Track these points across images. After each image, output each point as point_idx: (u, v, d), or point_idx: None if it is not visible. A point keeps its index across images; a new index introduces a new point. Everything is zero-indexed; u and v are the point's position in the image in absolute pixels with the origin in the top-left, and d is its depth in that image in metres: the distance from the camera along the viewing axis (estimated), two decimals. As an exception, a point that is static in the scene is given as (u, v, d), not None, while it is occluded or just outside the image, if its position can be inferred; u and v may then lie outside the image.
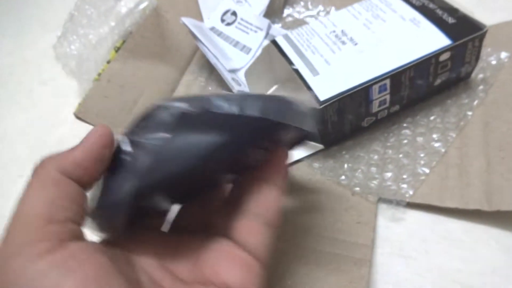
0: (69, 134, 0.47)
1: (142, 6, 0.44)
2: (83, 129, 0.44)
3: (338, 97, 0.33)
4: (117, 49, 0.43)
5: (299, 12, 0.50)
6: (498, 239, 0.31)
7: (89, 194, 0.22)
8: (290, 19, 0.50)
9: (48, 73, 0.54)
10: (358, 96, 0.33)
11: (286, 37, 0.38)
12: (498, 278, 0.29)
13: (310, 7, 0.50)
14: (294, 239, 0.32)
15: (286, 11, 0.51)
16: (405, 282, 0.30)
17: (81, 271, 0.18)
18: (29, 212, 0.19)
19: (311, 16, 0.49)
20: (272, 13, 0.50)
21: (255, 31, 0.48)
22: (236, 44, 0.47)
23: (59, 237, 0.19)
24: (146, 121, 0.23)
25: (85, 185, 0.21)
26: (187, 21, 0.45)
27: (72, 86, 0.49)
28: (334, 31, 0.37)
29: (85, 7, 0.42)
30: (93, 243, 0.21)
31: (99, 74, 0.42)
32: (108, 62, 0.43)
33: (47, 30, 0.59)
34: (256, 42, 0.47)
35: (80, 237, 0.20)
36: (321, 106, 0.32)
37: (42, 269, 0.17)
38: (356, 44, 0.36)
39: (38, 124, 0.50)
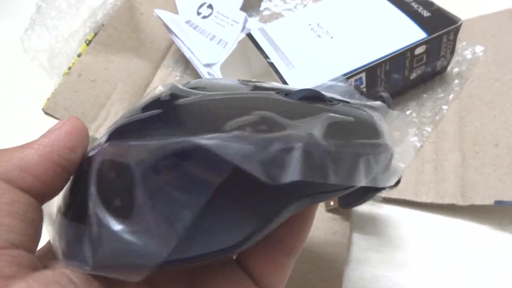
0: (38, 132, 0.45)
1: (114, -3, 0.42)
2: (51, 126, 0.43)
3: (313, 91, 0.32)
4: (88, 42, 0.42)
5: (276, 6, 0.49)
6: (472, 233, 0.31)
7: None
8: (267, 12, 0.49)
9: (18, 68, 0.52)
10: (334, 90, 0.33)
11: (262, 31, 0.38)
12: (471, 272, 0.29)
13: (287, 0, 0.49)
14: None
15: (264, 4, 0.50)
16: (382, 278, 0.30)
17: None
18: None
19: (289, 9, 0.49)
20: (249, 6, 0.50)
21: (232, 25, 0.47)
22: (212, 37, 0.46)
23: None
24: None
25: (40, 197, 0.15)
26: (161, 13, 0.44)
27: (42, 81, 0.48)
28: (310, 24, 0.37)
29: (53, -2, 0.41)
30: (55, 274, 0.14)
31: (69, 68, 0.40)
32: (79, 55, 0.41)
33: (17, 23, 0.57)
34: (233, 35, 0.47)
35: (31, 266, 0.14)
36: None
37: None
38: (331, 37, 0.35)
39: (5, 121, 0.48)
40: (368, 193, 0.24)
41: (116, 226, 0.14)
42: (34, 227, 0.14)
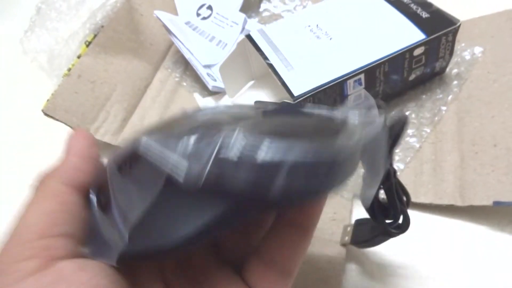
0: (38, 132, 0.45)
1: (113, -1, 0.42)
2: (52, 127, 0.43)
3: (312, 92, 0.32)
4: (88, 44, 0.42)
5: (276, 7, 0.50)
6: (471, 233, 0.31)
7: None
8: (267, 13, 0.49)
9: (18, 69, 0.52)
10: (333, 91, 0.33)
11: (261, 32, 0.38)
12: (470, 273, 0.29)
13: (286, 1, 0.50)
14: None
15: (263, 6, 0.50)
16: (379, 279, 0.30)
17: None
18: (23, 227, 0.17)
19: (288, 10, 0.49)
20: (249, 7, 0.50)
21: (231, 26, 0.47)
22: (211, 38, 0.47)
23: (50, 255, 0.17)
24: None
25: (85, 192, 0.19)
26: (161, 14, 0.44)
27: (42, 83, 0.48)
28: (309, 26, 0.37)
29: (53, -1, 0.41)
30: (92, 262, 0.17)
31: (69, 69, 0.40)
32: (79, 57, 0.41)
33: (17, 24, 0.57)
34: (232, 37, 0.47)
35: (75, 254, 0.18)
36: (295, 101, 0.32)
37: None
38: (331, 38, 0.35)
39: (5, 122, 0.49)
40: (378, 235, 0.25)
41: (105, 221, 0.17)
42: (82, 221, 0.18)
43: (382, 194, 0.24)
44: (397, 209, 0.25)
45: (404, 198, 0.26)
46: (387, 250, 0.31)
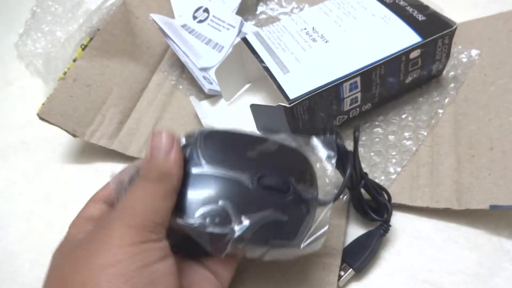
0: (33, 136, 0.45)
1: (109, 1, 0.42)
2: (47, 131, 0.43)
3: (308, 95, 0.32)
4: (83, 47, 0.42)
5: (272, 9, 0.49)
6: (468, 237, 0.31)
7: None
8: (263, 16, 0.49)
9: (13, 73, 0.52)
10: (329, 94, 0.33)
11: (257, 35, 0.38)
12: (467, 276, 0.29)
13: (283, 4, 0.49)
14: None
15: (260, 8, 0.50)
16: (376, 283, 0.30)
17: None
18: (128, 217, 0.21)
19: (285, 13, 0.49)
20: (245, 10, 0.50)
21: (228, 29, 0.47)
22: (208, 42, 0.46)
23: (146, 259, 0.20)
24: None
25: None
26: (157, 17, 0.44)
27: (39, 86, 0.48)
28: (305, 29, 0.37)
29: (49, 3, 0.41)
30: (172, 262, 0.22)
31: (65, 73, 0.40)
32: (74, 60, 0.41)
33: (11, 28, 0.57)
34: (229, 40, 0.47)
35: (166, 255, 0.22)
36: (291, 105, 0.32)
37: None
38: (327, 41, 0.35)
39: (1, 126, 0.48)
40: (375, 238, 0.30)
41: None
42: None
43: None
44: (380, 201, 0.30)
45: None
46: (382, 253, 0.31)
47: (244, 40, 0.38)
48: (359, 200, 0.31)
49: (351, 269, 0.30)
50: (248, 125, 0.38)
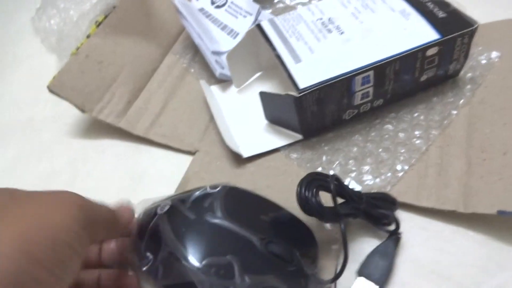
0: (42, 113, 0.45)
1: (127, -20, 0.42)
2: (56, 108, 0.43)
3: (318, 86, 0.31)
4: (98, 24, 0.42)
5: (290, -1, 0.49)
6: (478, 230, 0.30)
7: None
8: (281, 5, 0.49)
9: (24, 51, 0.52)
10: (340, 87, 0.32)
11: (272, 22, 0.37)
12: (476, 269, 0.28)
13: (302, -6, 0.49)
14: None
15: (278, -3, 0.49)
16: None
17: None
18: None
19: (303, 3, 0.48)
20: (263, -2, 0.49)
21: (244, 16, 0.47)
22: (224, 27, 0.46)
23: None
24: None
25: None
26: (175, -1, 0.43)
27: (50, 64, 0.48)
28: (321, 19, 0.36)
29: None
30: None
31: (77, 48, 0.40)
32: (88, 36, 0.41)
33: (22, 6, 0.57)
34: (245, 27, 0.46)
35: None
36: (300, 94, 0.31)
37: None
38: (342, 33, 0.34)
39: (10, 102, 0.49)
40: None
41: None
42: None
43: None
44: (350, 195, 0.28)
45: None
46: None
47: (258, 26, 0.37)
48: (368, 218, 0.30)
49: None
50: (256, 114, 0.38)
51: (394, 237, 0.30)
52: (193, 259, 0.24)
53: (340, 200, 0.28)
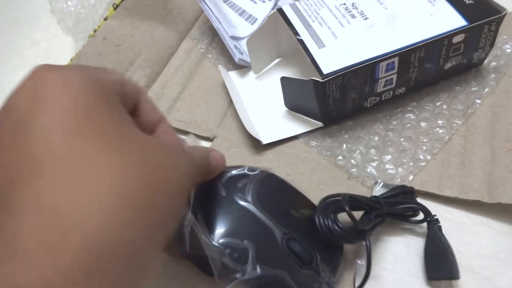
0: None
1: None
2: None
3: (342, 72, 0.31)
4: (115, 7, 0.41)
5: (309, -15, 0.48)
6: (501, 222, 0.29)
7: None
8: (299, -9, 0.48)
9: (41, 33, 0.52)
10: (364, 73, 0.32)
11: (293, 7, 0.36)
12: (499, 261, 0.28)
13: (321, -20, 0.48)
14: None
15: (296, -17, 0.48)
16: (403, 262, 0.29)
17: None
18: None
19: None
20: (282, -16, 0.48)
21: (263, 2, 0.46)
22: (242, 12, 0.45)
23: None
24: None
25: None
26: (192, -18, 0.43)
27: (65, 47, 0.47)
28: (344, 4, 0.35)
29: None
30: None
31: (95, 31, 0.40)
32: (105, 19, 0.41)
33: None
34: (263, 13, 0.45)
35: None
36: (324, 80, 0.31)
37: None
38: (366, 18, 0.34)
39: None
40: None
41: None
42: None
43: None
44: (369, 205, 0.27)
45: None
46: (412, 234, 0.30)
47: (280, 11, 0.36)
48: (394, 217, 0.29)
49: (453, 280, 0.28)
50: (275, 100, 0.37)
51: (434, 226, 0.29)
52: (213, 234, 0.24)
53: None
